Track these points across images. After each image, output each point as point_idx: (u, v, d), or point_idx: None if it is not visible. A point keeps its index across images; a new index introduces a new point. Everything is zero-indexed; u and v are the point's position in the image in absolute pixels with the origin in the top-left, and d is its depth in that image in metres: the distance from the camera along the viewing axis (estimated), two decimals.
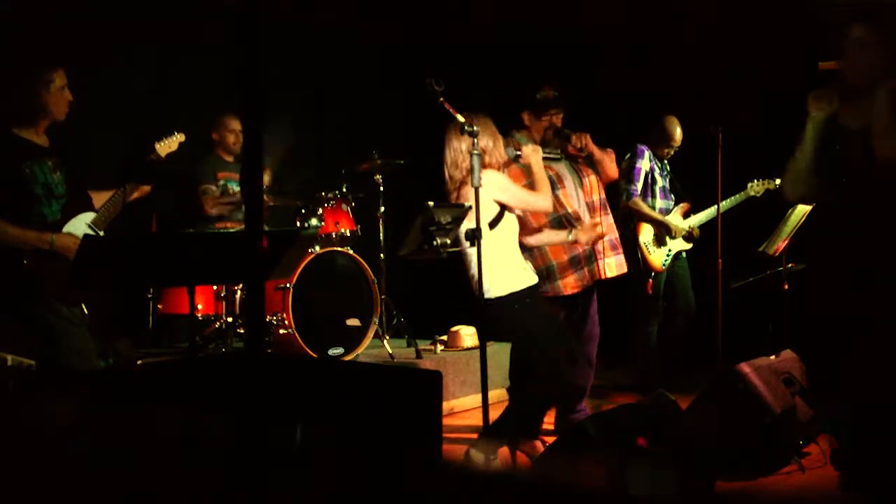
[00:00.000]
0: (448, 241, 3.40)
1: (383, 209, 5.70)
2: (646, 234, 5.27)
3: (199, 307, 5.12)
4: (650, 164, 5.29)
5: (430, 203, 3.39)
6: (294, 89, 6.47)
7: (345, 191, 5.43)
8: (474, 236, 3.30)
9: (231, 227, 5.34)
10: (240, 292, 5.10)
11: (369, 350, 5.19)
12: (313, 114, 6.89)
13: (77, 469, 1.78)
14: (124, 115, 5.33)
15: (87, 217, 3.56)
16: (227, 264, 3.07)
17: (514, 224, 3.77)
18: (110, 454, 1.76)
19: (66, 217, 3.50)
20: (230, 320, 5.05)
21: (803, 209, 4.86)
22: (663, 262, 5.28)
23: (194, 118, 5.14)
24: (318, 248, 5.10)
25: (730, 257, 4.94)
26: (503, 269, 3.65)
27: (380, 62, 7.06)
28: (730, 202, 5.27)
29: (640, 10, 5.75)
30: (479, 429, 4.02)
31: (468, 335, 5.48)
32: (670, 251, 5.31)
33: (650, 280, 5.25)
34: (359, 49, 6.92)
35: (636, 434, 2.86)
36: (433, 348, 5.46)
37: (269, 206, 5.44)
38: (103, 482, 1.74)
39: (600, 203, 4.35)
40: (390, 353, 5.16)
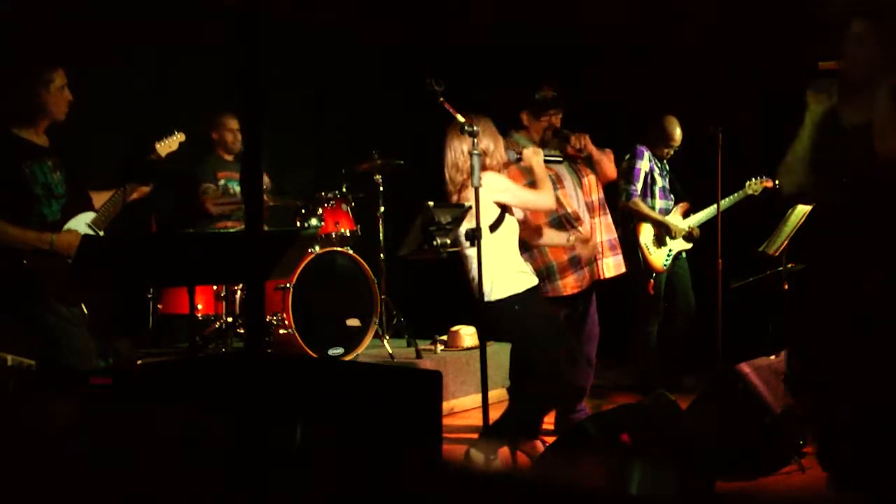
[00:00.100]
0: (448, 241, 3.40)
1: (383, 209, 5.70)
2: (646, 234, 5.27)
3: (199, 307, 5.12)
4: (650, 164, 5.29)
5: (430, 203, 3.39)
6: (294, 89, 6.47)
7: (345, 191, 5.43)
8: (474, 237, 3.30)
9: (231, 227, 5.35)
10: (240, 292, 5.10)
11: (369, 350, 5.19)
12: (313, 114, 6.89)
13: (77, 469, 1.78)
14: (124, 115, 5.33)
15: (87, 217, 3.56)
16: (227, 264, 3.07)
17: (514, 226, 3.77)
18: (110, 454, 1.76)
19: (66, 217, 3.50)
20: (230, 320, 5.05)
21: (803, 209, 4.84)
22: (664, 263, 5.28)
23: (194, 118, 5.14)
24: (318, 248, 5.10)
25: (730, 257, 4.94)
26: (504, 272, 3.64)
27: (380, 62, 7.06)
28: (728, 201, 5.28)
29: (640, 10, 5.75)
30: (479, 429, 4.02)
31: (468, 335, 5.47)
32: (671, 251, 5.31)
33: (651, 280, 5.25)
34: (359, 49, 6.92)
35: (636, 434, 2.86)
36: (433, 348, 5.46)
37: (269, 206, 5.44)
38: (103, 482, 1.74)
39: (599, 203, 4.35)
40: (390, 353, 5.16)
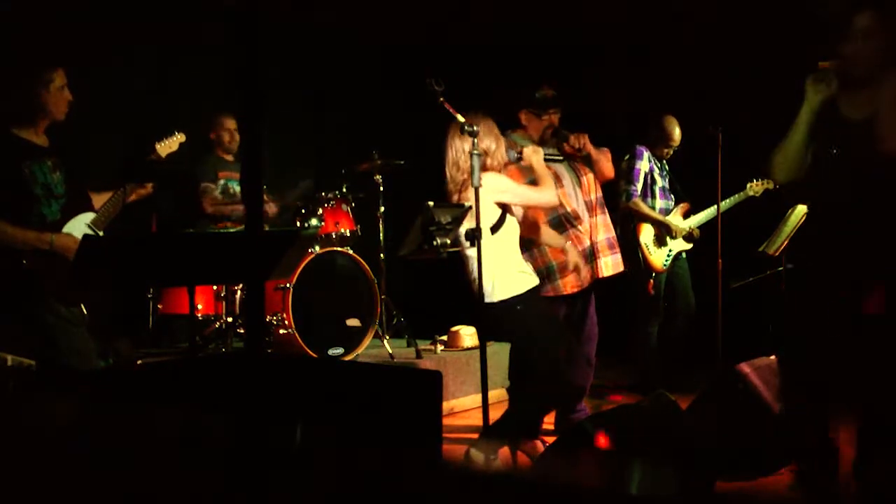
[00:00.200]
0: (448, 241, 3.40)
1: (383, 209, 5.70)
2: (646, 234, 5.27)
3: (199, 307, 5.13)
4: (649, 164, 5.29)
5: (430, 203, 3.39)
6: (294, 89, 6.47)
7: (345, 191, 5.43)
8: (474, 236, 3.30)
9: (231, 227, 5.35)
10: (240, 292, 5.10)
11: (369, 350, 5.19)
12: (313, 114, 6.89)
13: (77, 469, 1.78)
14: (124, 115, 5.33)
15: (87, 217, 3.56)
16: (227, 264, 3.07)
17: (515, 227, 3.77)
18: (110, 454, 1.76)
19: (65, 217, 3.50)
20: (230, 320, 5.05)
21: (803, 209, 4.85)
22: (664, 263, 5.28)
23: (194, 118, 5.14)
24: (318, 248, 5.10)
25: (730, 257, 4.94)
26: (505, 273, 3.64)
27: (380, 62, 7.06)
28: (729, 202, 5.28)
29: (640, 10, 5.76)
30: (479, 429, 4.02)
31: (468, 335, 5.47)
32: (671, 251, 5.31)
33: (651, 280, 5.25)
34: (359, 49, 6.92)
35: (636, 434, 2.85)
36: (433, 348, 5.46)
37: (274, 214, 5.45)
38: (103, 482, 1.74)
39: (598, 202, 4.36)
40: (390, 353, 5.16)
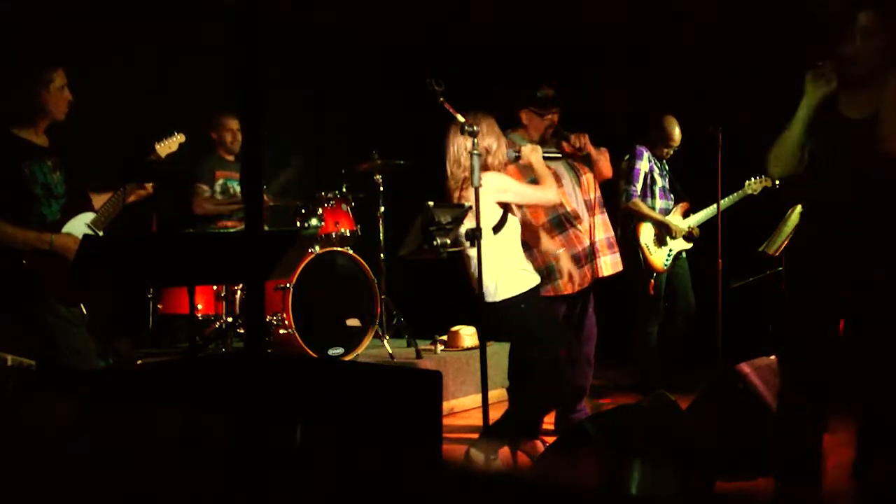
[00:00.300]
0: (448, 241, 3.39)
1: (383, 209, 5.70)
2: (646, 234, 5.27)
3: (199, 307, 5.12)
4: (649, 164, 5.29)
5: (430, 203, 3.38)
6: (294, 89, 6.47)
7: (345, 191, 5.43)
8: (474, 236, 3.30)
9: (231, 227, 5.35)
10: (240, 292, 5.10)
11: (369, 350, 5.19)
12: (313, 114, 6.89)
13: (77, 469, 1.78)
14: (124, 115, 5.33)
15: (87, 217, 3.56)
16: (227, 264, 3.07)
17: (517, 226, 3.77)
18: (110, 454, 1.76)
19: (65, 217, 3.50)
20: (230, 320, 5.05)
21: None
22: (664, 263, 5.28)
23: (194, 118, 5.14)
24: (318, 248, 5.10)
25: (730, 257, 4.94)
26: (508, 272, 3.64)
27: (380, 62, 7.06)
28: (728, 201, 5.28)
29: (640, 10, 5.75)
30: (479, 429, 4.02)
31: (468, 335, 5.47)
32: (671, 251, 5.31)
33: (651, 280, 5.25)
34: (359, 49, 6.92)
35: (636, 434, 2.85)
36: (433, 348, 5.46)
37: (268, 206, 5.44)
38: (103, 482, 1.74)
39: (597, 201, 4.36)
40: (390, 353, 5.16)
